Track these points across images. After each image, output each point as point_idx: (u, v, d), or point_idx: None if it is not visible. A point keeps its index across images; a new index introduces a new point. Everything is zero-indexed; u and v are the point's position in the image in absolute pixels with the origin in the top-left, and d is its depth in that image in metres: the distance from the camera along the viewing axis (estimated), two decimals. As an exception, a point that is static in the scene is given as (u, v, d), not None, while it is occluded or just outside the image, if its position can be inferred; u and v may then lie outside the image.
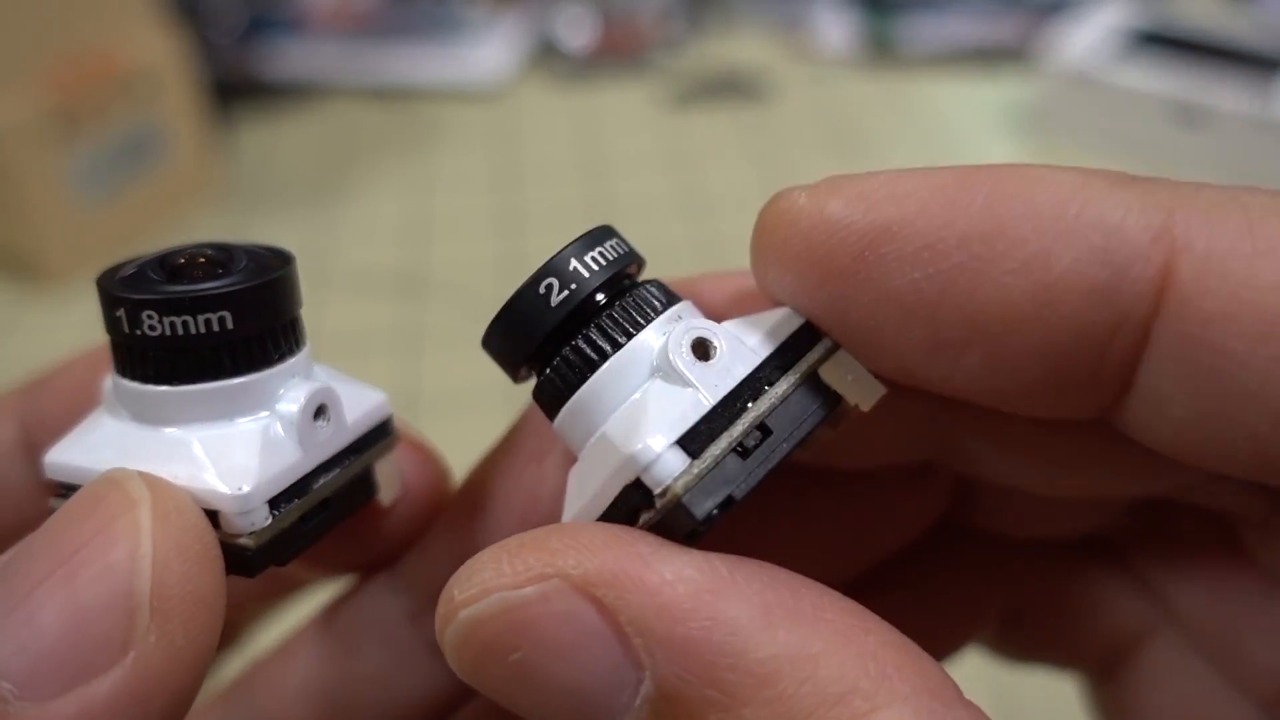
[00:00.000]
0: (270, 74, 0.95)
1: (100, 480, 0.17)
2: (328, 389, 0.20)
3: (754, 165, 0.85)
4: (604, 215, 0.82)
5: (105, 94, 0.73)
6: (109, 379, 0.20)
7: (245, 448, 0.18)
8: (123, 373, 0.19)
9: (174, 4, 0.82)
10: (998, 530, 0.25)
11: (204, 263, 0.19)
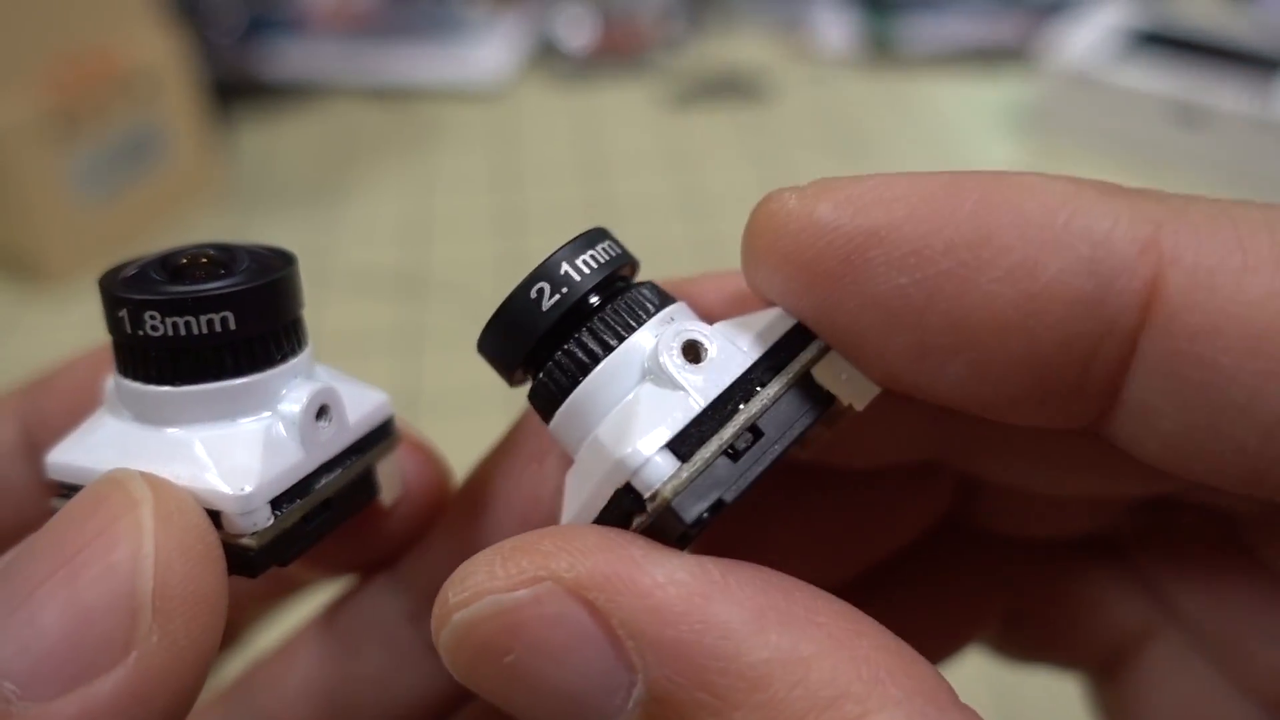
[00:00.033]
0: (270, 74, 0.95)
1: (102, 480, 0.17)
2: (330, 389, 0.20)
3: (754, 165, 0.85)
4: (604, 215, 0.82)
5: (105, 94, 0.73)
6: (111, 379, 0.20)
7: (247, 448, 0.18)
8: (125, 373, 0.19)
9: (174, 4, 0.82)
10: (1000, 530, 0.25)
11: (206, 263, 0.19)
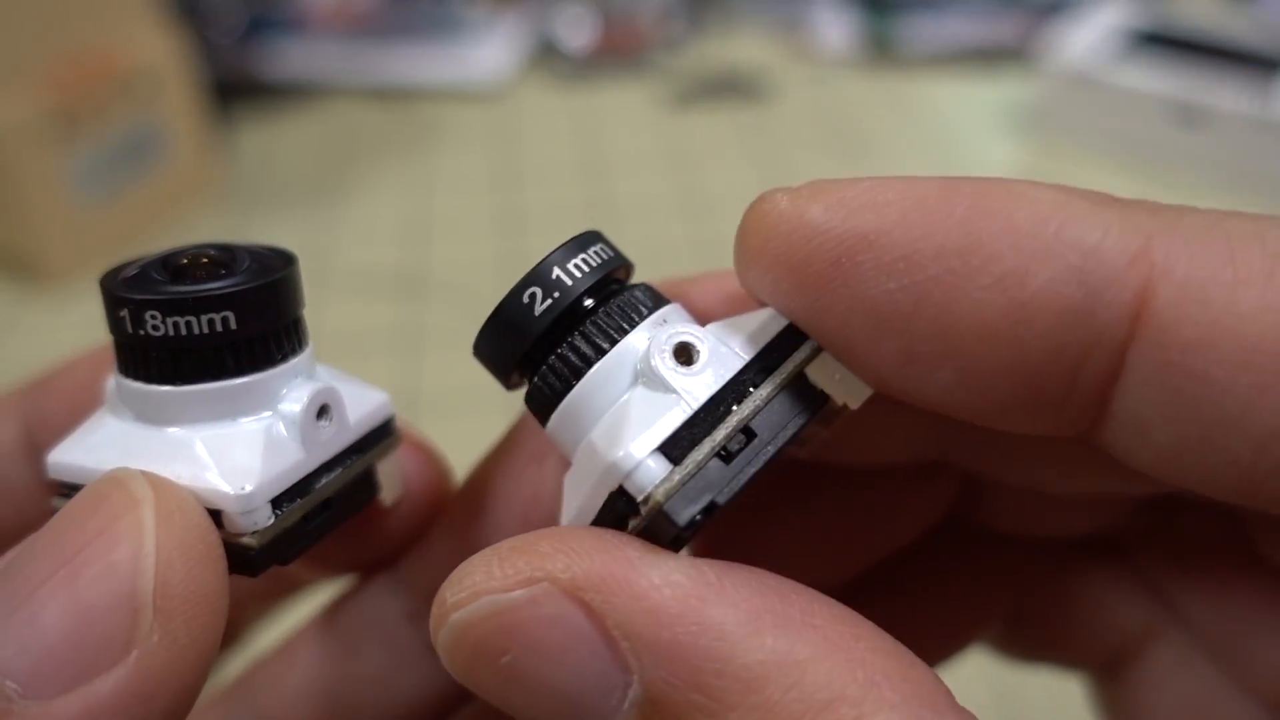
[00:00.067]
0: (270, 74, 0.95)
1: (103, 480, 0.17)
2: (330, 389, 0.20)
3: (754, 165, 0.85)
4: (604, 215, 0.82)
5: (105, 94, 0.73)
6: (112, 379, 0.20)
7: (248, 447, 0.18)
8: (126, 373, 0.19)
9: (174, 4, 0.82)
10: (1004, 529, 0.25)
11: (207, 263, 0.19)
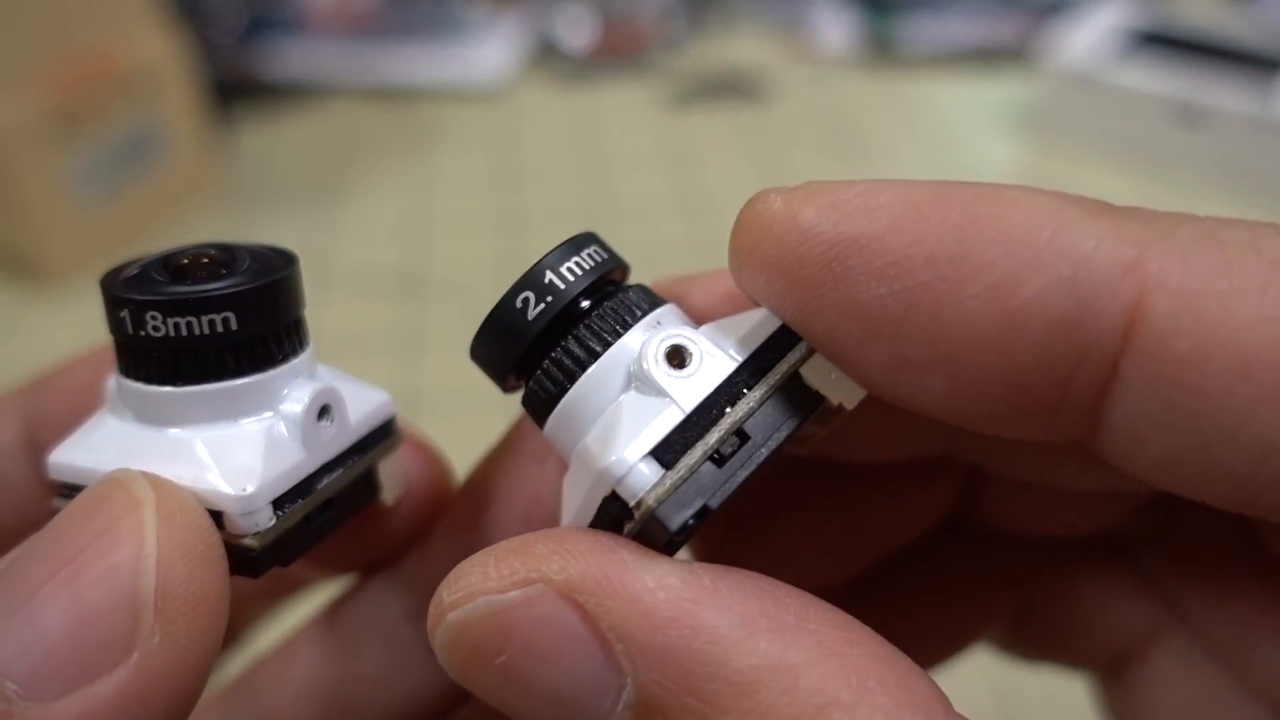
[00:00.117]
0: (270, 74, 0.95)
1: (104, 480, 0.17)
2: (331, 389, 0.20)
3: (754, 165, 0.85)
4: (604, 215, 0.82)
5: (105, 94, 0.73)
6: (112, 379, 0.20)
7: (249, 448, 0.18)
8: (126, 373, 0.19)
9: (174, 4, 0.82)
10: (1006, 528, 0.25)
11: (207, 263, 0.19)
